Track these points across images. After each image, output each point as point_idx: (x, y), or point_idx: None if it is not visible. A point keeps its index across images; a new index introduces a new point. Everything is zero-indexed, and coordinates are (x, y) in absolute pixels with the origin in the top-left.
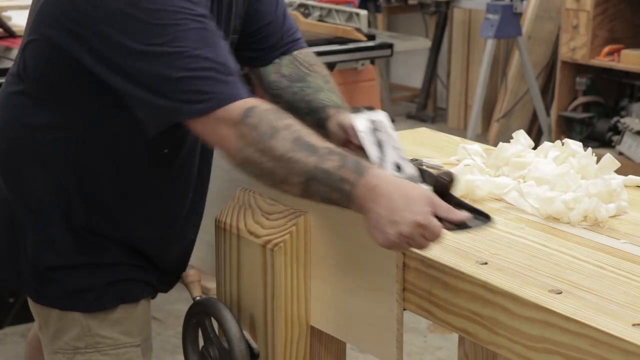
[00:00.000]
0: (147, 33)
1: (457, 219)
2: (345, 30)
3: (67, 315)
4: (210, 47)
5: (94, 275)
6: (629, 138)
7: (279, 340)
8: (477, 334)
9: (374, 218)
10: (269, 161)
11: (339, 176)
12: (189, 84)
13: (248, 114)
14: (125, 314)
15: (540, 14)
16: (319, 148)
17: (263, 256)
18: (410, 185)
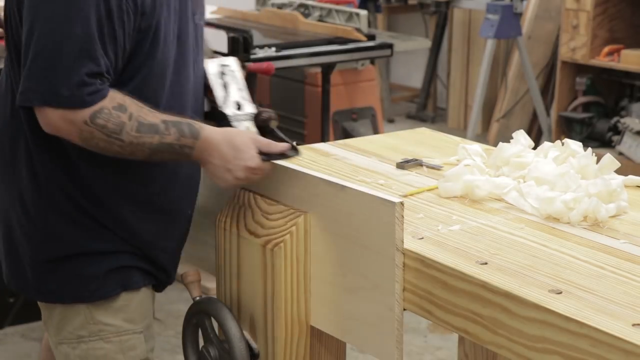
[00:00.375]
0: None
1: (278, 151)
2: (345, 30)
3: (71, 307)
4: (98, 41)
5: (95, 264)
6: (629, 138)
7: (279, 340)
8: (477, 334)
9: (212, 169)
10: (117, 147)
11: (180, 144)
12: (54, 77)
13: (95, 116)
14: (127, 301)
15: (540, 14)
16: (158, 126)
17: (263, 256)
18: (237, 135)
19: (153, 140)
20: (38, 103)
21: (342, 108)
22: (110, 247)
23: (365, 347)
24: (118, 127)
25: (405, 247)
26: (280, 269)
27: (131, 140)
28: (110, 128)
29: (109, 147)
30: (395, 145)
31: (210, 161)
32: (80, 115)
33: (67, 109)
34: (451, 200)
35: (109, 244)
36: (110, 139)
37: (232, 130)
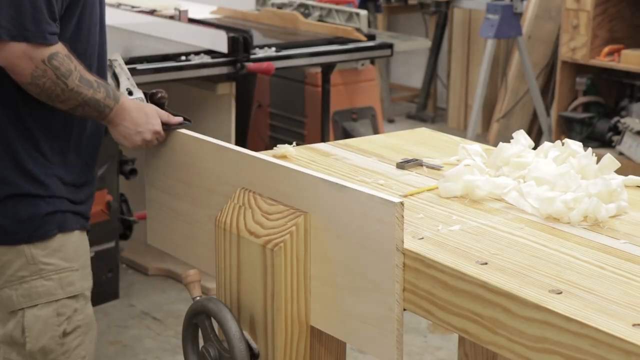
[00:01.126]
0: None
1: (174, 122)
2: (345, 30)
3: (13, 249)
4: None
5: (34, 206)
6: (629, 138)
7: (279, 340)
8: (477, 334)
9: (123, 131)
10: (59, 91)
11: (104, 103)
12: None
13: (53, 57)
14: (63, 242)
15: (540, 14)
16: (93, 82)
17: (263, 256)
18: (146, 106)
19: (88, 93)
20: (5, 36)
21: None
22: (46, 192)
23: (365, 347)
24: (67, 72)
25: (405, 247)
26: (280, 269)
27: (73, 87)
28: (62, 71)
29: (51, 89)
30: (395, 145)
31: (122, 124)
32: (41, 53)
33: (31, 44)
34: (451, 200)
35: (46, 188)
36: (59, 80)
37: (142, 103)
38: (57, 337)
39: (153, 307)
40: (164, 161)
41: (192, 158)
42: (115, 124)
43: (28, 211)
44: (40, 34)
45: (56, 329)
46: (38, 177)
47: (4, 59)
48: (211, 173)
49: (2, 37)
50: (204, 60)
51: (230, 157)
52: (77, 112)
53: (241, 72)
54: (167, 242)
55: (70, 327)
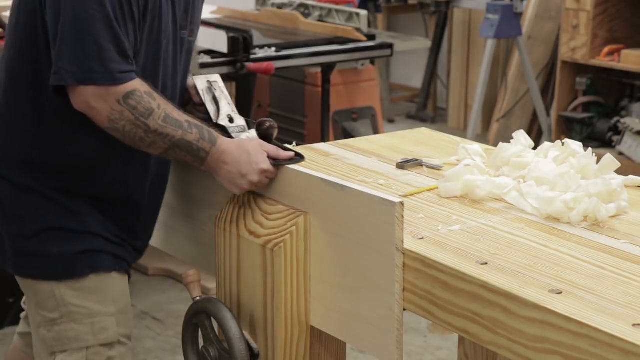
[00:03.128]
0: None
1: (285, 156)
2: (345, 30)
3: (42, 287)
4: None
5: (65, 242)
6: (629, 138)
7: (279, 340)
8: (477, 334)
9: (226, 175)
10: (142, 133)
11: (198, 146)
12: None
13: (129, 96)
14: (98, 284)
15: (540, 14)
16: (183, 123)
17: (263, 256)
18: (248, 142)
19: (176, 134)
20: (72, 81)
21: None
22: (81, 227)
23: (365, 347)
24: (147, 112)
25: (405, 247)
26: (280, 269)
27: (156, 129)
28: (140, 111)
29: (132, 132)
30: (395, 145)
31: (223, 167)
32: (114, 93)
33: (101, 86)
34: (451, 200)
35: (81, 223)
36: (138, 122)
37: (242, 139)
38: None
39: (153, 307)
40: None
41: None
42: (215, 169)
43: (59, 247)
44: (108, 75)
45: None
46: (73, 208)
47: (79, 103)
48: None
49: (69, 82)
50: (204, 60)
51: None
52: (170, 157)
53: (241, 72)
54: (168, 242)
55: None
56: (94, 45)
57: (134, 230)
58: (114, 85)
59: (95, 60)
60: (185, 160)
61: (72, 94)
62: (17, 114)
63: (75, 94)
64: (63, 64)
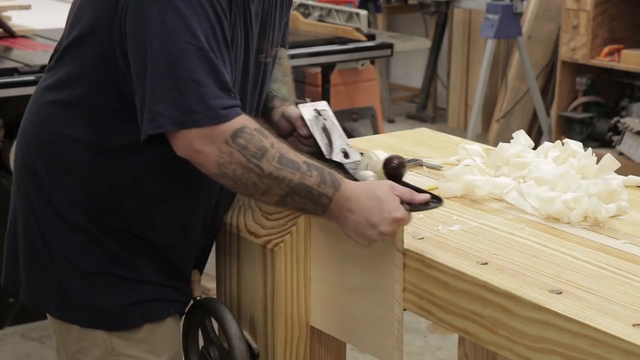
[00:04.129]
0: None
1: (420, 200)
2: (345, 30)
3: (89, 334)
4: (210, 63)
5: (118, 292)
6: (629, 138)
7: (279, 340)
8: (477, 334)
9: (353, 225)
10: (255, 177)
11: (319, 191)
12: (181, 92)
13: (237, 134)
14: (151, 332)
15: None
16: (300, 165)
17: (263, 256)
18: (376, 186)
19: (294, 178)
20: (171, 127)
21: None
22: (132, 275)
23: (365, 347)
24: (260, 152)
25: (405, 247)
26: (280, 269)
27: (271, 172)
28: (252, 151)
29: (244, 177)
30: (395, 145)
31: (349, 217)
32: (221, 132)
33: (204, 126)
34: (451, 200)
35: (136, 271)
36: (250, 164)
37: (370, 183)
38: None
39: None
40: None
41: None
42: (340, 218)
43: (112, 297)
44: (211, 113)
45: None
46: (124, 252)
47: (182, 148)
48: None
49: (169, 129)
50: None
51: None
52: (288, 205)
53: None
54: None
55: None
56: (191, 82)
57: (188, 272)
58: (219, 124)
59: (194, 98)
60: (304, 210)
61: (174, 140)
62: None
63: (177, 140)
64: (158, 108)
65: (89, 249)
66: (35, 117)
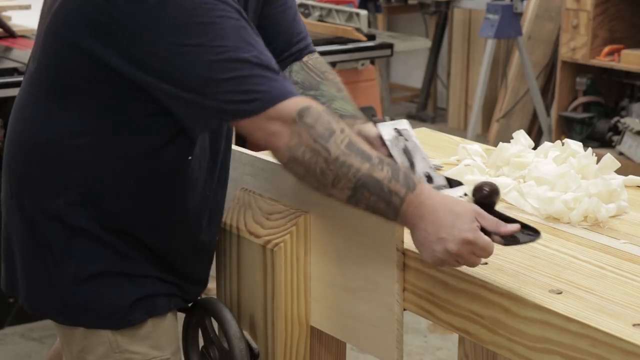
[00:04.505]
0: (182, 33)
1: (507, 231)
2: (345, 30)
3: (94, 333)
4: (251, 44)
5: (121, 289)
6: (629, 138)
7: (279, 340)
8: (477, 334)
9: (420, 234)
10: (322, 162)
11: (389, 188)
12: (235, 84)
13: (304, 113)
14: (154, 328)
15: (540, 14)
16: (371, 156)
17: (263, 256)
18: (456, 201)
19: (362, 167)
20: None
21: None
22: (137, 271)
23: (365, 347)
24: (327, 132)
25: (405, 247)
26: (280, 269)
27: (338, 156)
28: (319, 131)
29: (313, 162)
30: None
31: (419, 225)
32: (288, 108)
33: (271, 105)
34: None
35: (137, 267)
36: (317, 145)
37: (451, 197)
38: None
39: None
40: None
41: None
42: (412, 223)
43: (115, 295)
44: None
45: None
46: (125, 250)
47: (256, 135)
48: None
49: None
50: None
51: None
52: (360, 204)
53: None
54: None
55: None
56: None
57: (190, 273)
58: (283, 100)
59: (253, 81)
60: (377, 210)
61: (246, 129)
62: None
63: (248, 127)
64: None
65: (91, 251)
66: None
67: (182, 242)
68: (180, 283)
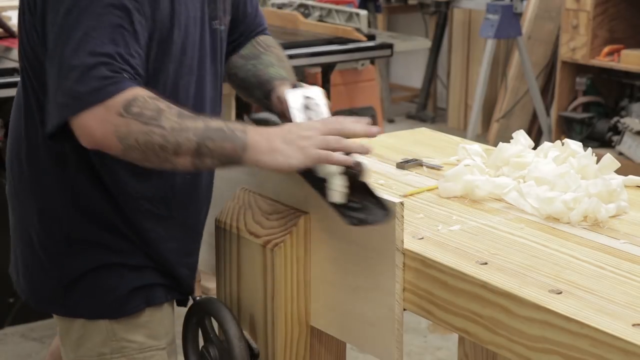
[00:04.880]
0: (62, 14)
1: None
2: (345, 30)
3: (92, 322)
4: (114, 43)
5: (119, 280)
6: (629, 138)
7: (279, 340)
8: (477, 334)
9: (280, 152)
10: (159, 138)
11: (230, 128)
12: (67, 82)
13: (129, 104)
14: (151, 317)
15: (540, 14)
16: (201, 117)
17: (263, 256)
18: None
19: (198, 125)
20: (63, 117)
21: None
22: (134, 262)
23: (365, 347)
24: (156, 112)
25: (405, 247)
26: (280, 269)
27: (172, 125)
28: (147, 114)
29: (149, 142)
30: (395, 145)
31: (275, 142)
32: (112, 107)
33: (94, 105)
34: (451, 200)
35: (133, 259)
36: (149, 127)
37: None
38: None
39: None
40: None
41: None
42: (261, 149)
43: (113, 284)
44: (97, 92)
45: None
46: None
47: (84, 137)
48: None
49: (63, 119)
50: None
51: None
52: (206, 160)
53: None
54: None
55: None
56: (74, 69)
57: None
58: (108, 100)
59: (78, 83)
60: (225, 156)
61: (75, 130)
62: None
63: (76, 129)
64: (54, 102)
65: (88, 246)
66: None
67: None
68: (174, 276)
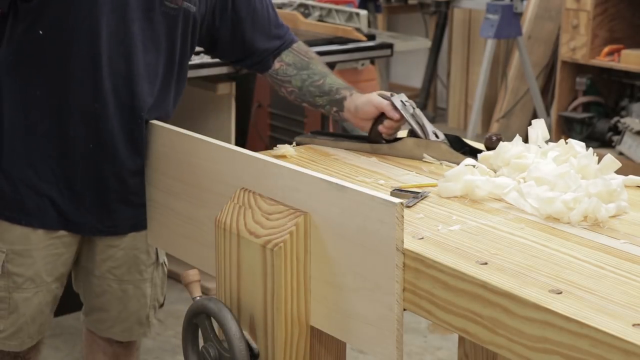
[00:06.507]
0: None
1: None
2: (345, 30)
3: None
4: None
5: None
6: (629, 138)
7: (279, 340)
8: (477, 334)
9: None
10: None
11: None
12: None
13: None
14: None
15: (540, 14)
16: None
17: (263, 256)
18: None
19: None
20: None
21: None
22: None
23: (365, 347)
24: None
25: (405, 247)
26: (280, 269)
27: None
28: None
29: None
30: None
31: None
32: None
33: None
34: (451, 200)
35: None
36: None
37: None
38: None
39: None
40: (164, 161)
41: (192, 158)
42: None
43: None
44: None
45: None
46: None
47: None
48: (211, 173)
49: None
50: (204, 60)
51: (230, 157)
52: None
53: (241, 72)
54: (167, 241)
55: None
56: None
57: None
58: None
59: None
60: None
61: None
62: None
63: None
64: None
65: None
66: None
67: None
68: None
